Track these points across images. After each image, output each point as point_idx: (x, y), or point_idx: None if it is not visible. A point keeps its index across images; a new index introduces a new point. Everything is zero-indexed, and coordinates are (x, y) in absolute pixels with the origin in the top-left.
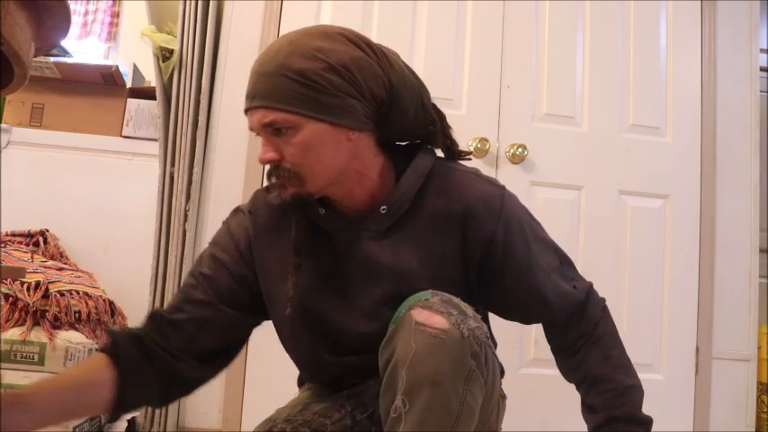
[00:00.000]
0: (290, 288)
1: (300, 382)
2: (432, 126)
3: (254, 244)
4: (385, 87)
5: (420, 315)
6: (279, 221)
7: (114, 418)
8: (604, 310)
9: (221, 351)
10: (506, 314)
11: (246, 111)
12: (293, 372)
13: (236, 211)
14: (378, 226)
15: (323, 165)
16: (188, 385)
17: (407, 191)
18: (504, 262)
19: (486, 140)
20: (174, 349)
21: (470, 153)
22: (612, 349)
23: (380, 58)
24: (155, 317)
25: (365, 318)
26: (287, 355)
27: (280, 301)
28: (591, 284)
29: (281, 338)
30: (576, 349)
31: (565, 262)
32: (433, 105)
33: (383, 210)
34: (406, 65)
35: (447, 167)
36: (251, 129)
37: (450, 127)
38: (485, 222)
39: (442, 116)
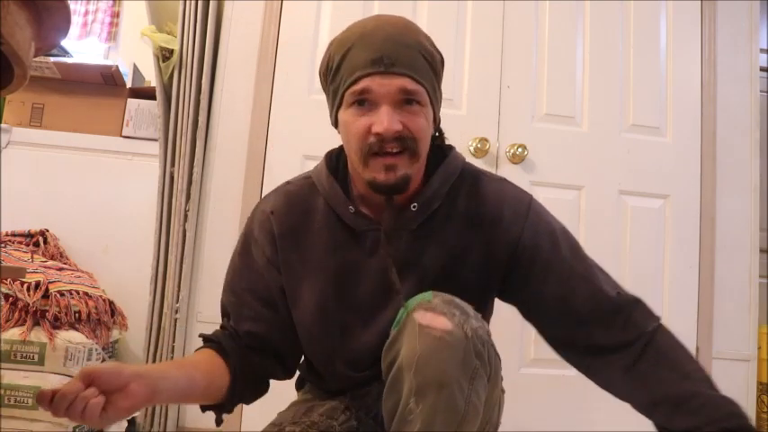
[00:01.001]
0: (395, 281)
1: (299, 386)
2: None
3: (280, 245)
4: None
5: (423, 317)
6: (303, 220)
7: (228, 410)
8: (661, 325)
9: (289, 353)
10: (536, 318)
11: (377, 74)
12: None
13: (258, 211)
14: (408, 224)
15: (426, 147)
16: (266, 385)
17: (439, 189)
18: (530, 265)
19: (486, 140)
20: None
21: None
22: (689, 364)
23: None
24: (225, 330)
25: (387, 325)
26: None
27: (302, 303)
28: (640, 298)
29: (301, 340)
30: (631, 359)
31: (601, 271)
32: None
33: (414, 207)
34: None
35: (477, 171)
36: (368, 92)
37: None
38: (511, 226)
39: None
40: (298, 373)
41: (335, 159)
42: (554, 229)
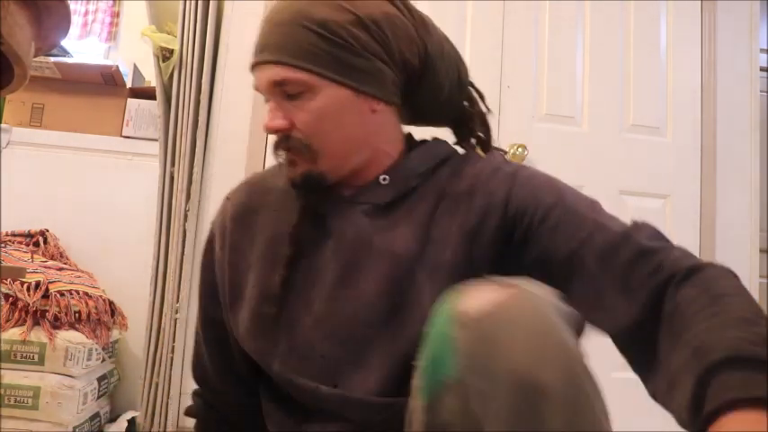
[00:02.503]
0: (275, 284)
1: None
2: (468, 106)
3: (230, 229)
4: (419, 54)
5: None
6: (258, 201)
7: None
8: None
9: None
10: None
11: (253, 67)
12: None
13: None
14: (376, 199)
15: (340, 138)
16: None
17: (417, 165)
18: (530, 222)
19: None
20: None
21: (506, 152)
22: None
23: (417, 20)
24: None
25: (351, 309)
26: None
27: (243, 298)
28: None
29: (240, 342)
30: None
31: (616, 219)
32: (472, 84)
33: (384, 180)
34: (444, 35)
35: (470, 153)
36: (257, 89)
37: (488, 111)
38: (495, 190)
39: (481, 96)
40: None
41: None
42: (556, 184)
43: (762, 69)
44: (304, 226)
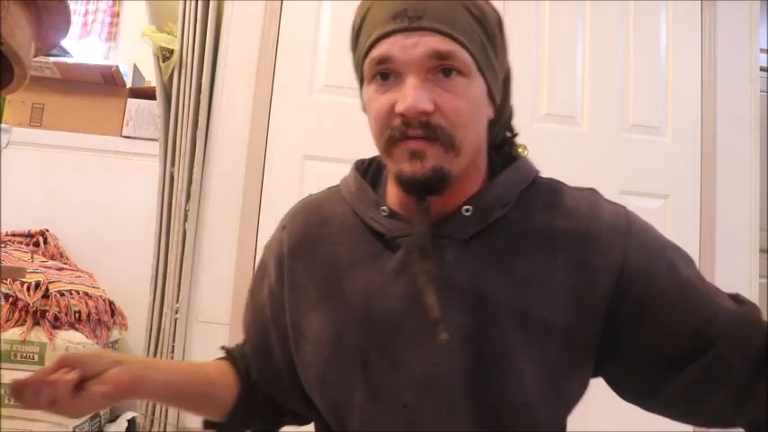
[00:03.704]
0: (433, 307)
1: None
2: (510, 131)
3: (287, 264)
4: (504, 68)
5: None
6: (318, 232)
7: (227, 427)
8: None
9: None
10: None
11: (399, 32)
12: None
13: (275, 231)
14: (457, 233)
15: (473, 138)
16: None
17: (503, 194)
18: (644, 298)
19: None
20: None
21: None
22: None
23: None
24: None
25: (433, 355)
26: None
27: (312, 335)
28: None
29: (312, 392)
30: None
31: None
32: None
33: (466, 211)
34: None
35: (556, 181)
36: (388, 59)
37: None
38: (611, 246)
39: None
40: None
41: (368, 164)
42: (664, 244)
43: (762, 69)
44: (427, 234)
